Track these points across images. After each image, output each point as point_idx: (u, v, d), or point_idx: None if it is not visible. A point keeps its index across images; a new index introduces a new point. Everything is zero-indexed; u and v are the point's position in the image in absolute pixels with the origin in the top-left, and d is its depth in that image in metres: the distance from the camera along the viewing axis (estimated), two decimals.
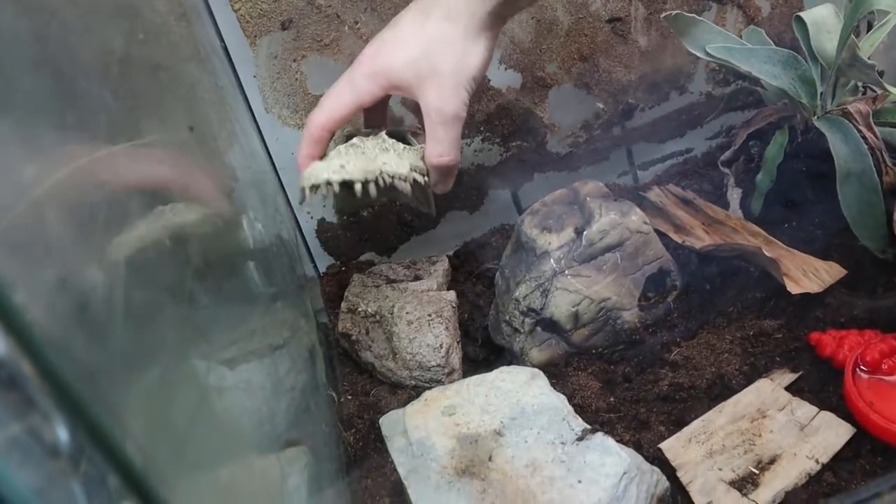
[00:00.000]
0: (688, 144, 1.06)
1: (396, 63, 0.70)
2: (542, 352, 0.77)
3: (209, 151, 0.77)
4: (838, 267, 0.77)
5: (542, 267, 0.77)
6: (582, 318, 0.76)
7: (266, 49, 0.81)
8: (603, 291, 0.76)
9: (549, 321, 0.76)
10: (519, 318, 0.78)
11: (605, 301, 0.76)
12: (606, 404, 0.71)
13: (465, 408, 0.65)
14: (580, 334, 0.76)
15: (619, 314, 0.77)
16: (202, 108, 0.77)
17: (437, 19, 0.69)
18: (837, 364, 0.68)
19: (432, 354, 0.75)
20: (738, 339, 0.73)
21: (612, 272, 0.77)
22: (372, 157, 0.70)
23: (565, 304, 0.75)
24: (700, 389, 0.70)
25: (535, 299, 0.76)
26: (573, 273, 0.76)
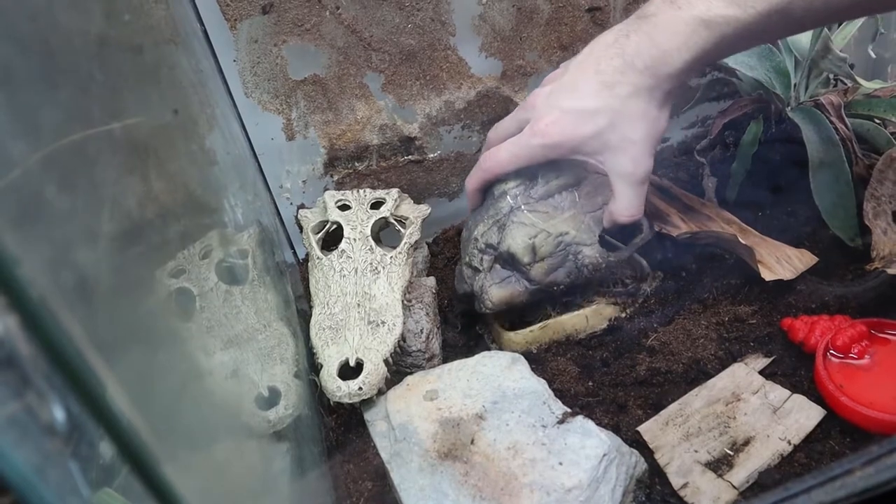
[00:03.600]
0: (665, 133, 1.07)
1: (581, 135, 0.72)
2: (502, 289, 0.77)
3: (190, 134, 0.77)
4: (810, 255, 0.79)
5: (499, 205, 0.78)
6: (539, 250, 0.75)
7: (246, 33, 0.81)
8: (560, 226, 0.76)
9: (507, 255, 0.76)
10: (478, 257, 0.78)
11: (563, 235, 0.76)
12: (585, 388, 0.72)
13: (446, 392, 0.66)
14: (539, 269, 0.76)
15: (579, 249, 0.76)
16: (183, 91, 0.77)
17: (623, 97, 0.70)
18: (809, 349, 0.69)
19: (413, 339, 0.76)
20: (713, 325, 0.75)
21: (569, 209, 0.77)
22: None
23: (521, 237, 0.75)
24: (677, 374, 0.71)
25: (491, 235, 0.77)
26: (530, 209, 0.77)
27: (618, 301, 0.79)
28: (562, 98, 0.73)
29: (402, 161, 0.93)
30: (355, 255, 0.78)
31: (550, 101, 0.74)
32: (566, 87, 0.73)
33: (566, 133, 0.72)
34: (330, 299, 0.74)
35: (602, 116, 0.70)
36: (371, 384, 0.66)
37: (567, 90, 0.73)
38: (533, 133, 0.74)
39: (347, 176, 0.92)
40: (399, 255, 0.79)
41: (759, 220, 0.87)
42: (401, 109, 0.90)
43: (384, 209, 0.83)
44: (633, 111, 0.70)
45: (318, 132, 0.89)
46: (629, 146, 0.71)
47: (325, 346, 0.70)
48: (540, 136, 0.73)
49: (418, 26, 0.86)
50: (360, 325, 0.71)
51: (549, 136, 0.73)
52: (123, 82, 0.66)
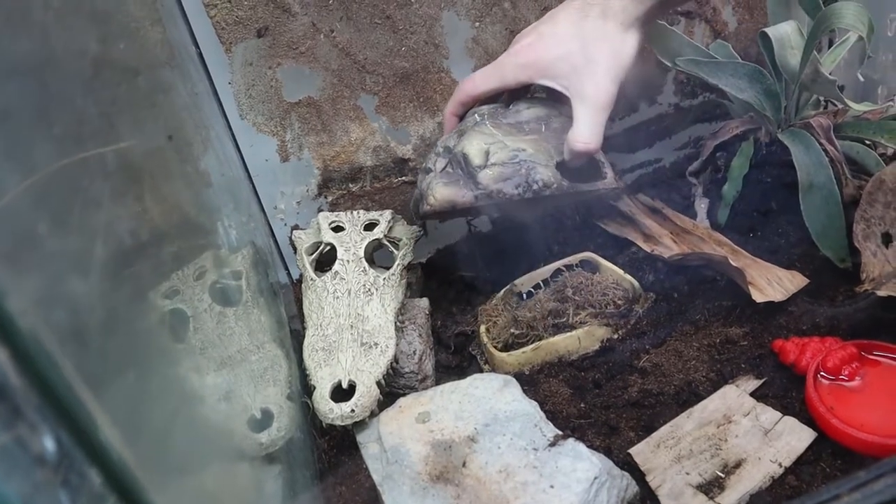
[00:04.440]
0: (657, 154, 1.08)
1: (552, 56, 0.77)
2: (448, 188, 0.77)
3: (185, 156, 0.77)
4: (801, 276, 0.79)
5: (466, 121, 0.81)
6: (492, 157, 0.77)
7: (241, 56, 0.82)
8: (519, 143, 0.78)
9: (461, 156, 0.78)
10: (433, 160, 0.80)
11: (519, 150, 0.77)
12: (577, 410, 0.72)
13: (439, 414, 0.66)
14: (488, 174, 0.76)
15: (533, 165, 0.77)
16: (178, 114, 0.77)
17: (594, 17, 0.76)
18: (800, 370, 0.70)
19: (406, 361, 0.76)
20: (705, 347, 0.75)
21: (533, 133, 0.80)
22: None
23: (478, 142, 0.78)
24: (668, 395, 0.71)
25: (451, 140, 0.80)
26: (494, 123, 0.80)
27: (610, 322, 0.79)
28: (541, 25, 0.79)
29: (395, 182, 0.93)
30: (349, 276, 0.78)
31: (531, 28, 0.81)
32: (548, 18, 0.80)
33: (539, 53, 0.77)
34: (323, 321, 0.75)
35: (573, 41, 0.76)
36: (363, 406, 0.67)
37: (547, 20, 0.79)
38: (509, 53, 0.80)
39: (341, 197, 0.92)
40: (392, 277, 0.79)
41: (751, 241, 0.87)
42: (394, 131, 0.91)
43: (377, 231, 0.84)
44: (599, 34, 0.75)
45: (312, 153, 0.89)
46: (593, 68, 0.75)
47: (318, 367, 0.70)
48: (514, 55, 0.79)
49: (412, 49, 0.86)
50: (352, 347, 0.71)
51: (523, 55, 0.79)
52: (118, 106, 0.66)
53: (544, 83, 0.78)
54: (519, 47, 0.79)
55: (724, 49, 0.96)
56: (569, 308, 0.79)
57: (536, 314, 0.80)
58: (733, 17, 1.02)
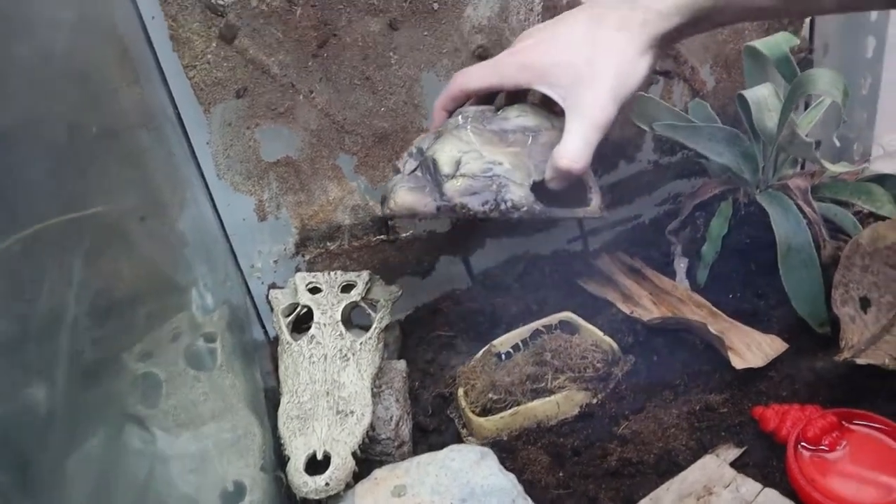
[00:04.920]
0: (637, 211, 1.09)
1: (555, 61, 0.69)
2: (411, 194, 0.72)
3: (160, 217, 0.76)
4: (780, 341, 0.79)
5: (449, 122, 0.76)
6: (463, 167, 0.71)
7: (220, 116, 0.81)
8: (497, 155, 0.72)
9: (431, 161, 0.72)
10: (404, 160, 0.76)
11: (495, 163, 0.71)
12: (556, 479, 0.71)
13: (415, 488, 0.65)
14: (455, 185, 0.71)
15: (506, 183, 0.71)
16: (154, 175, 0.77)
17: (609, 28, 0.68)
18: (780, 439, 0.69)
19: (382, 427, 0.75)
20: (684, 414, 0.74)
21: (516, 145, 0.73)
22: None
23: (451, 148, 0.72)
24: (648, 465, 0.70)
25: (426, 141, 0.74)
26: (475, 129, 0.74)
27: (589, 387, 0.78)
28: (550, 26, 0.72)
29: (374, 241, 0.93)
30: (325, 340, 0.77)
31: (538, 27, 0.74)
32: (559, 19, 0.73)
33: (541, 55, 0.71)
34: (298, 387, 0.73)
35: (581, 48, 0.68)
36: (338, 479, 0.65)
37: (558, 21, 0.73)
38: (510, 52, 0.73)
39: (319, 255, 0.92)
40: (369, 341, 0.78)
41: (730, 303, 0.87)
42: (373, 190, 0.91)
43: (354, 293, 0.83)
44: (611, 46, 0.68)
45: (290, 212, 0.89)
46: (597, 82, 0.67)
47: (293, 437, 0.69)
48: (515, 53, 0.72)
49: (391, 109, 0.86)
50: (328, 415, 0.70)
51: (525, 55, 0.72)
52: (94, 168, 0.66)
53: (541, 89, 0.71)
54: (522, 46, 0.73)
55: (702, 108, 0.96)
56: (547, 372, 0.79)
57: (515, 378, 0.79)
58: (711, 77, 1.03)
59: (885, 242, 0.80)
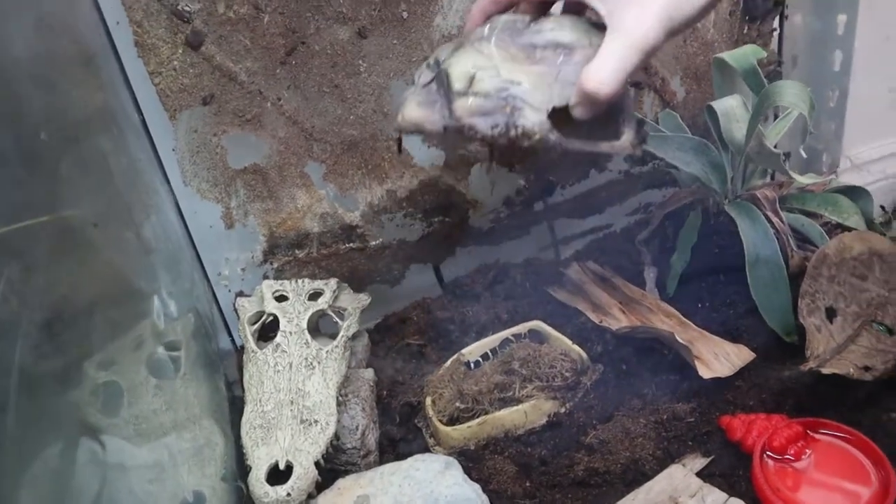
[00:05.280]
0: (608, 220, 1.08)
1: None
2: (419, 109, 0.65)
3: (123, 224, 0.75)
4: (747, 350, 0.79)
5: (475, 31, 0.68)
6: (476, 84, 0.63)
7: (186, 123, 0.80)
8: (518, 74, 0.64)
9: (444, 75, 0.65)
10: (420, 70, 0.69)
11: (513, 84, 0.63)
12: (523, 489, 0.70)
13: (378, 498, 0.64)
14: (465, 104, 0.63)
15: (521, 106, 0.62)
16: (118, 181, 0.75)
17: None
18: (746, 448, 0.69)
19: (348, 437, 0.74)
20: (652, 423, 0.74)
21: (543, 63, 0.65)
22: None
23: (467, 62, 0.64)
24: (615, 475, 0.70)
25: (444, 51, 0.68)
26: (499, 44, 0.65)
27: (557, 396, 0.78)
28: None
29: (343, 249, 0.92)
30: (290, 349, 0.76)
31: None
32: None
33: None
34: (262, 396, 0.72)
35: None
36: (300, 489, 0.64)
37: None
38: None
39: (287, 263, 0.91)
40: (335, 350, 0.77)
41: (699, 312, 0.87)
42: (342, 198, 0.90)
43: (322, 301, 0.82)
44: None
45: (257, 220, 0.88)
46: (645, 3, 0.59)
47: (256, 446, 0.68)
48: None
49: (360, 117, 0.86)
50: (292, 425, 0.69)
51: None
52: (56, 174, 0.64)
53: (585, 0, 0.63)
54: None
55: (672, 119, 0.97)
56: (515, 381, 0.78)
57: (482, 387, 0.78)
58: (681, 87, 1.04)
59: (852, 253, 0.80)
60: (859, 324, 0.77)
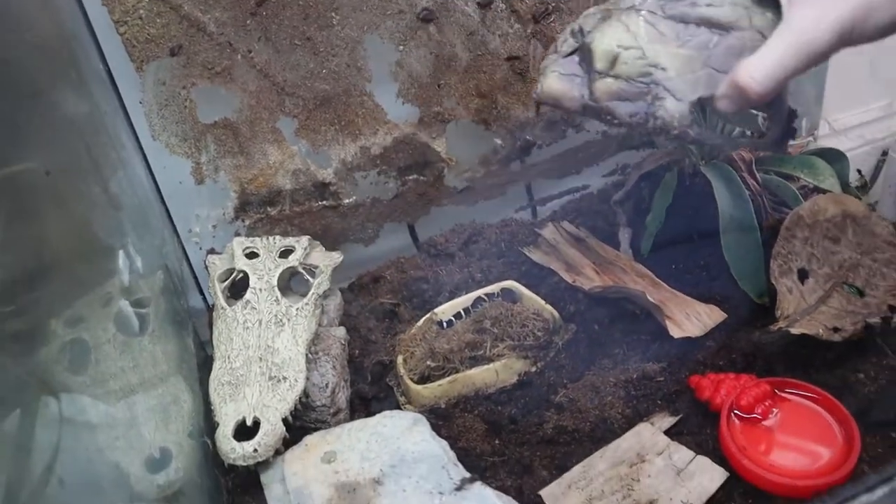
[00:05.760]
0: (585, 181, 1.08)
1: None
2: (560, 82, 0.63)
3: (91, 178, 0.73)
4: (719, 311, 0.79)
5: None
6: (619, 65, 0.60)
7: (154, 75, 0.78)
8: (663, 57, 0.60)
9: (587, 51, 0.62)
10: (564, 37, 0.65)
11: (657, 68, 0.59)
12: (491, 447, 0.71)
13: (345, 454, 0.64)
14: (605, 85, 0.60)
15: (664, 95, 0.59)
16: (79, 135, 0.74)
17: None
18: (715, 408, 0.69)
19: (318, 394, 0.73)
20: (621, 382, 0.74)
21: (692, 46, 0.60)
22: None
23: (611, 39, 0.61)
24: (583, 433, 0.70)
25: (590, 20, 0.64)
26: (649, 18, 0.61)
27: (528, 355, 0.78)
28: None
29: (316, 206, 0.91)
30: (260, 306, 0.75)
31: None
32: None
33: None
34: (231, 352, 0.72)
35: None
36: (267, 445, 0.64)
37: None
38: None
39: (259, 221, 0.90)
40: (306, 307, 0.76)
41: (672, 273, 0.87)
42: (315, 155, 0.89)
43: (293, 258, 0.81)
44: None
45: (228, 176, 0.87)
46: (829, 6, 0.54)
47: (223, 403, 0.67)
48: None
49: (333, 72, 0.84)
50: (260, 381, 0.69)
51: None
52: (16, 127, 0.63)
53: None
54: None
55: None
56: (487, 340, 0.78)
57: (454, 346, 0.78)
58: None
59: (826, 215, 0.80)
60: (830, 285, 0.77)
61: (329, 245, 0.89)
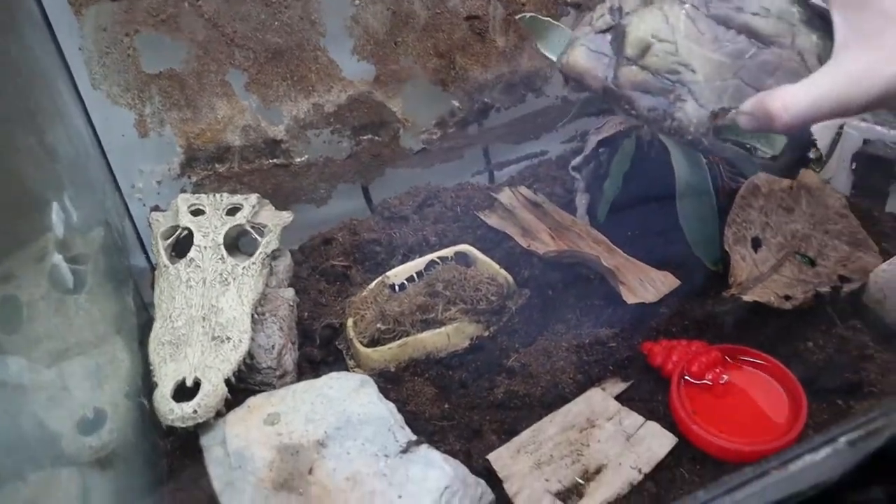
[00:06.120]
0: (543, 147, 1.07)
1: None
2: (586, 58, 0.61)
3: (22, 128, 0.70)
4: (672, 277, 0.78)
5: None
6: (649, 56, 0.58)
7: (93, 20, 0.74)
8: (695, 58, 0.58)
9: (621, 34, 0.60)
10: (600, 12, 0.63)
11: (686, 68, 0.58)
12: (440, 411, 0.69)
13: (289, 416, 0.62)
14: (630, 73, 0.58)
15: (686, 98, 0.58)
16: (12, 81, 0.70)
17: None
18: (666, 374, 0.69)
19: (263, 356, 0.71)
20: (574, 347, 0.73)
21: (725, 55, 0.58)
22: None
23: (648, 27, 0.59)
24: (534, 397, 0.69)
25: (632, 1, 0.62)
26: (690, 13, 0.59)
27: (481, 319, 0.76)
28: None
29: (266, 164, 0.89)
30: (205, 264, 0.73)
31: None
32: None
33: None
34: (173, 312, 0.69)
35: None
36: (207, 406, 0.62)
37: None
38: None
39: (207, 178, 0.87)
40: (253, 266, 0.74)
41: (629, 240, 0.86)
42: (266, 110, 0.86)
43: (240, 216, 0.78)
44: None
45: (174, 130, 0.83)
46: (889, 37, 0.48)
47: (163, 363, 0.65)
48: None
49: (286, 24, 0.81)
50: (202, 341, 0.66)
51: None
52: None
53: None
54: None
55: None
56: (439, 303, 0.77)
57: (405, 309, 0.76)
58: None
59: (781, 185, 0.80)
60: (783, 254, 0.77)
61: (279, 205, 0.86)
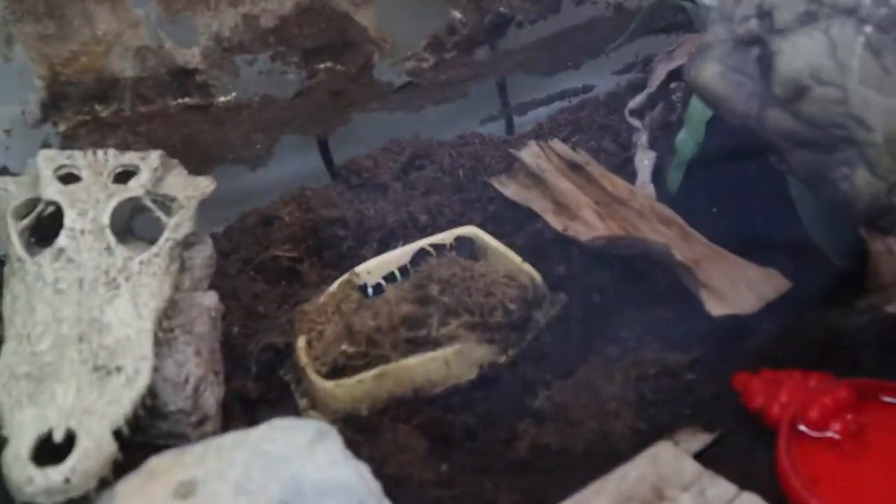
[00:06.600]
0: (587, 80, 1.09)
1: None
2: (723, 79, 0.65)
3: None
4: (780, 277, 0.79)
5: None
6: (805, 101, 0.62)
7: None
8: (872, 110, 0.61)
9: (770, 55, 0.63)
10: (743, 11, 0.67)
11: (860, 124, 0.61)
12: (436, 475, 0.70)
13: (210, 485, 0.62)
14: (780, 119, 0.62)
15: (857, 164, 0.62)
16: None
17: None
18: (770, 421, 0.69)
19: (172, 393, 0.72)
20: (632, 380, 0.74)
21: None
22: None
23: (805, 62, 0.63)
24: (574, 454, 0.70)
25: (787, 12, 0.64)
26: (873, 41, 0.61)
27: (495, 338, 0.78)
28: None
29: (173, 106, 0.90)
30: (82, 257, 0.74)
31: None
32: None
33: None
34: (34, 329, 0.70)
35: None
36: (86, 472, 0.62)
37: None
38: None
39: (83, 125, 0.89)
40: (155, 259, 0.76)
41: (713, 220, 0.88)
42: (171, 25, 0.88)
43: (135, 184, 0.80)
44: None
45: (31, 53, 0.85)
46: None
47: (18, 407, 0.65)
48: None
49: None
50: (79, 374, 0.67)
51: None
52: None
53: None
54: None
55: None
56: (433, 315, 0.78)
57: (383, 323, 0.78)
58: None
59: None
60: None
61: (195, 167, 0.87)
